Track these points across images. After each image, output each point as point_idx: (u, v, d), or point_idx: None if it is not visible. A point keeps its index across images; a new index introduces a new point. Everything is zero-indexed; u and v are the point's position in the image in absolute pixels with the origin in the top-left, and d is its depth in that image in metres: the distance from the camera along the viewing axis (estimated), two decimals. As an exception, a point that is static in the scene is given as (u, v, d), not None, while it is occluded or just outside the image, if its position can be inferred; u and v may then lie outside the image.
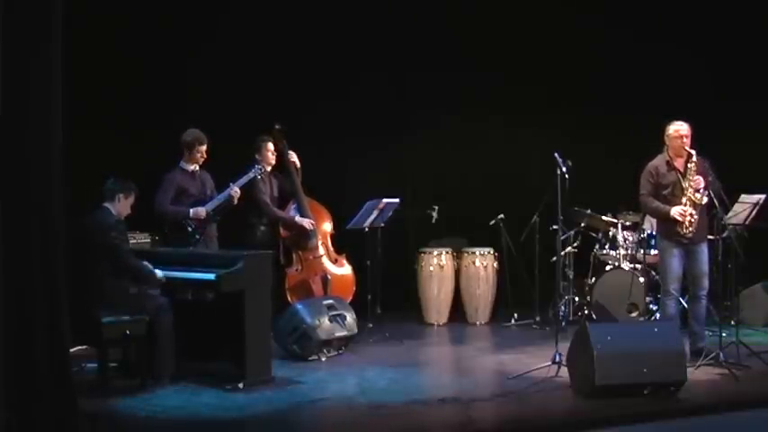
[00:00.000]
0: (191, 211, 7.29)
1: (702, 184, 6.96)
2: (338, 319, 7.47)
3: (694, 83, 9.45)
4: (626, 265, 8.63)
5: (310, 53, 9.04)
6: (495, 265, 9.40)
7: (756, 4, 9.29)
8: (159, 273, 6.52)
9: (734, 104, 9.46)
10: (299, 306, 7.44)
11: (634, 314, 8.33)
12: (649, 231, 8.44)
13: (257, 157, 8.01)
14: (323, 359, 7.33)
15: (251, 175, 7.56)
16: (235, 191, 7.39)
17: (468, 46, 9.63)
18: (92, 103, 7.77)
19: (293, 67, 8.98)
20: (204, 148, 7.40)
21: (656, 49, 9.60)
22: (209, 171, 7.60)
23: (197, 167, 7.47)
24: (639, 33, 9.60)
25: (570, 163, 7.00)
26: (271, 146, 8.04)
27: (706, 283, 7.10)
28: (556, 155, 6.99)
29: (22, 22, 4.88)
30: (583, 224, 9.01)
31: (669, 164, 7.10)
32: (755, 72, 9.51)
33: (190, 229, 7.32)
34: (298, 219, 8.10)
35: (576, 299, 9.08)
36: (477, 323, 9.28)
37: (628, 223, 8.89)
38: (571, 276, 9.04)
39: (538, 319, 9.00)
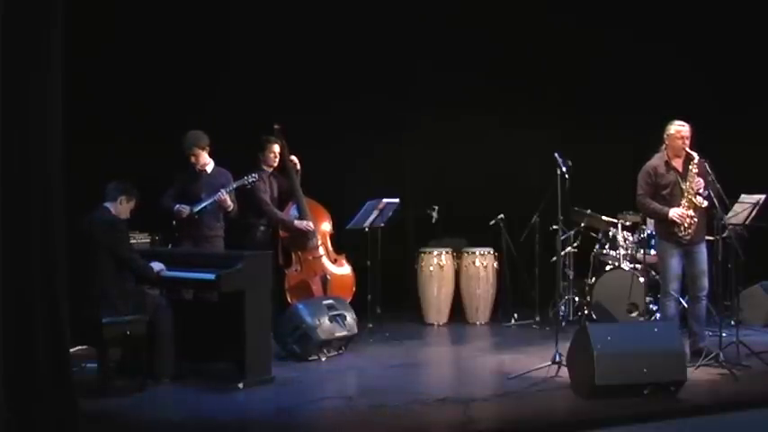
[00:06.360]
0: (174, 207, 7.37)
1: (703, 185, 6.96)
2: (338, 319, 7.46)
3: (694, 83, 9.45)
4: (626, 265, 8.62)
5: (310, 53, 9.03)
6: (495, 265, 9.40)
7: (756, 5, 9.29)
8: (157, 266, 6.53)
9: (733, 105, 9.46)
10: (300, 306, 7.43)
11: (634, 314, 8.32)
12: (649, 231, 8.43)
13: (260, 156, 8.04)
14: (323, 359, 7.32)
15: (240, 182, 7.53)
16: (219, 198, 7.35)
17: (468, 46, 9.63)
18: (92, 104, 7.78)
19: (293, 68, 8.98)
20: (192, 151, 7.42)
21: (656, 49, 9.60)
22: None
23: (204, 167, 7.51)
24: (639, 33, 9.60)
25: (570, 163, 7.00)
26: (276, 148, 8.04)
27: (705, 283, 7.09)
28: (556, 155, 6.99)
29: (22, 19, 4.88)
30: (583, 224, 9.01)
31: (668, 164, 7.09)
32: (755, 72, 9.51)
33: (174, 226, 7.45)
34: (296, 222, 8.09)
35: (576, 299, 9.07)
36: (477, 323, 9.27)
37: (628, 223, 8.89)
38: (571, 276, 9.04)
39: (538, 319, 8.99)
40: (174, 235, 7.49)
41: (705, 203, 6.96)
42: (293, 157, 8.24)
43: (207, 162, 7.52)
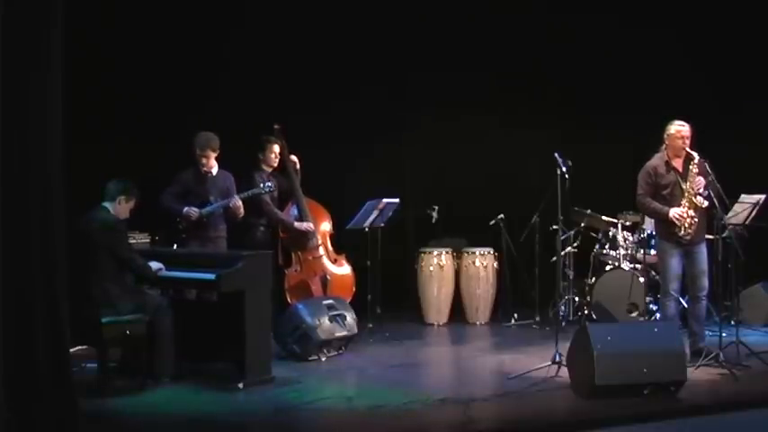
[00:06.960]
0: (184, 210, 7.37)
1: (703, 185, 6.96)
2: (338, 319, 7.46)
3: (694, 83, 9.46)
4: (626, 265, 8.62)
5: (310, 53, 9.03)
6: (495, 265, 9.40)
7: (755, 5, 9.29)
8: (155, 265, 6.53)
9: (734, 104, 9.46)
10: (300, 306, 7.43)
11: (634, 314, 8.33)
12: (649, 231, 8.43)
13: (260, 156, 8.04)
14: (323, 359, 7.32)
15: (256, 191, 7.59)
16: (234, 204, 7.40)
17: (468, 46, 9.62)
18: (93, 104, 7.77)
19: (293, 68, 8.98)
20: (204, 152, 7.44)
21: (656, 49, 9.60)
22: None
23: (210, 169, 7.53)
24: (640, 33, 9.59)
25: (570, 163, 7.00)
26: (276, 148, 8.06)
27: (705, 283, 7.09)
28: (556, 155, 6.99)
29: (22, 19, 4.88)
30: (583, 224, 9.01)
31: (668, 164, 7.09)
32: (755, 72, 9.51)
33: (180, 227, 7.44)
34: (296, 224, 8.10)
35: (576, 299, 9.07)
36: (477, 323, 9.27)
37: (628, 223, 8.89)
38: (571, 276, 9.04)
39: (538, 319, 8.99)
40: (181, 236, 7.48)
41: (705, 203, 6.95)
42: (293, 157, 8.25)
43: (214, 165, 7.56)
